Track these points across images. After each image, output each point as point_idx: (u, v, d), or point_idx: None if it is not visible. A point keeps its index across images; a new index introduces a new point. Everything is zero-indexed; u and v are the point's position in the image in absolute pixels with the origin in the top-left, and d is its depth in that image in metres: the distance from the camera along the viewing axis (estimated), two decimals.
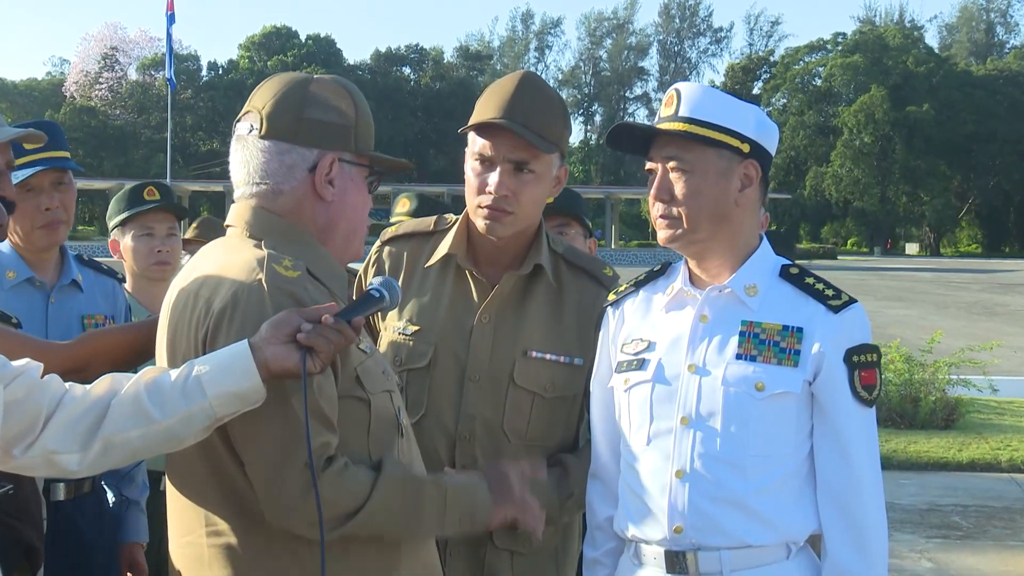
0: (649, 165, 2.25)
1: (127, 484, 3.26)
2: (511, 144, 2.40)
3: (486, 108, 2.42)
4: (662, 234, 2.23)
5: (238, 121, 2.05)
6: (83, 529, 3.00)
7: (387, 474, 1.94)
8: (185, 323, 1.95)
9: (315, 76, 2.07)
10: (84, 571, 2.98)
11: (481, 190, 2.43)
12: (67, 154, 3.07)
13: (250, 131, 2.01)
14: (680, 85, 2.23)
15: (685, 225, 2.20)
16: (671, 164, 2.20)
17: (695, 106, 2.18)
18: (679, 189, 2.19)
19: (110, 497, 3.18)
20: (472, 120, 2.43)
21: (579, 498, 2.46)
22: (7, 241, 2.99)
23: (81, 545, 2.98)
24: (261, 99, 2.03)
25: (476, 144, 2.44)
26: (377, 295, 1.95)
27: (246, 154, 2.02)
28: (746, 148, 2.19)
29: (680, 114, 2.18)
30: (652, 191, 2.22)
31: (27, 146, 2.88)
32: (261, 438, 1.86)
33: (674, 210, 2.20)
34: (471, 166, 2.46)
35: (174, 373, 1.82)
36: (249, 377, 1.78)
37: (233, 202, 2.08)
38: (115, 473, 3.15)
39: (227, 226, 2.05)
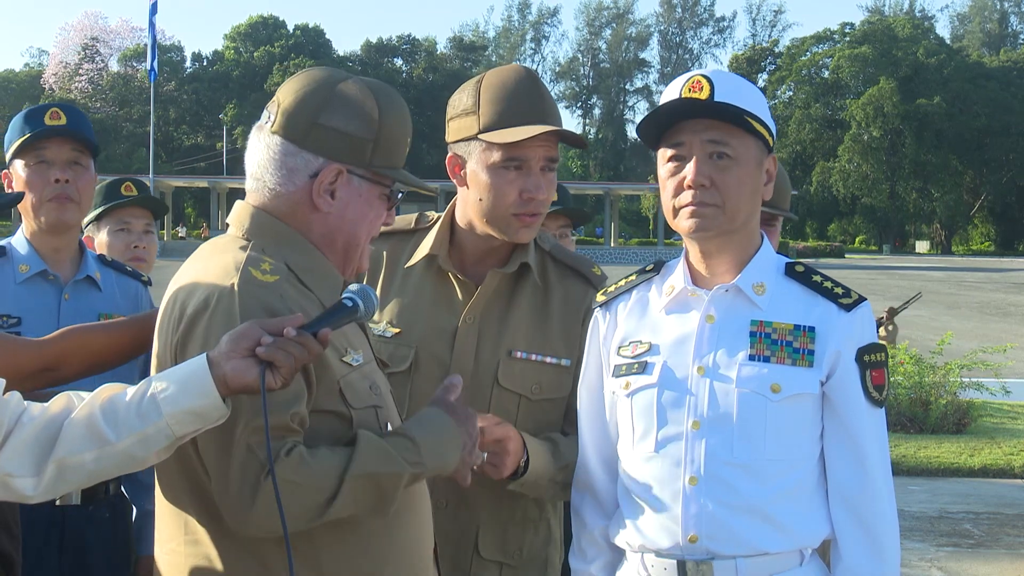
0: (672, 152, 2.16)
1: (148, 496, 3.00)
2: (548, 144, 2.40)
3: (514, 112, 2.37)
4: (692, 222, 2.14)
5: (267, 108, 2.09)
6: (91, 536, 2.98)
7: (353, 473, 1.85)
8: (164, 328, 1.96)
9: (351, 77, 2.05)
10: None
11: (520, 197, 2.39)
12: (90, 139, 3.02)
13: (267, 121, 2.03)
14: (705, 71, 2.17)
15: (725, 215, 2.13)
16: (713, 149, 2.12)
17: (731, 92, 2.12)
18: (724, 177, 2.12)
19: (134, 511, 3.20)
20: (498, 125, 2.37)
21: (569, 474, 2.42)
22: (22, 235, 3.04)
23: (86, 551, 2.97)
24: (285, 91, 2.03)
25: (507, 149, 2.37)
26: (350, 304, 1.88)
27: (258, 145, 2.03)
28: (771, 141, 2.19)
29: (717, 99, 2.10)
30: (689, 176, 2.12)
31: (48, 122, 2.94)
32: (212, 445, 1.86)
33: (716, 198, 2.12)
34: (500, 174, 2.39)
35: (130, 391, 1.79)
36: (207, 395, 1.74)
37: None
38: (138, 484, 3.12)
39: (227, 224, 2.10)
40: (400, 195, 2.08)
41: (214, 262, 1.97)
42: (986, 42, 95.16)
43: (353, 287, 1.92)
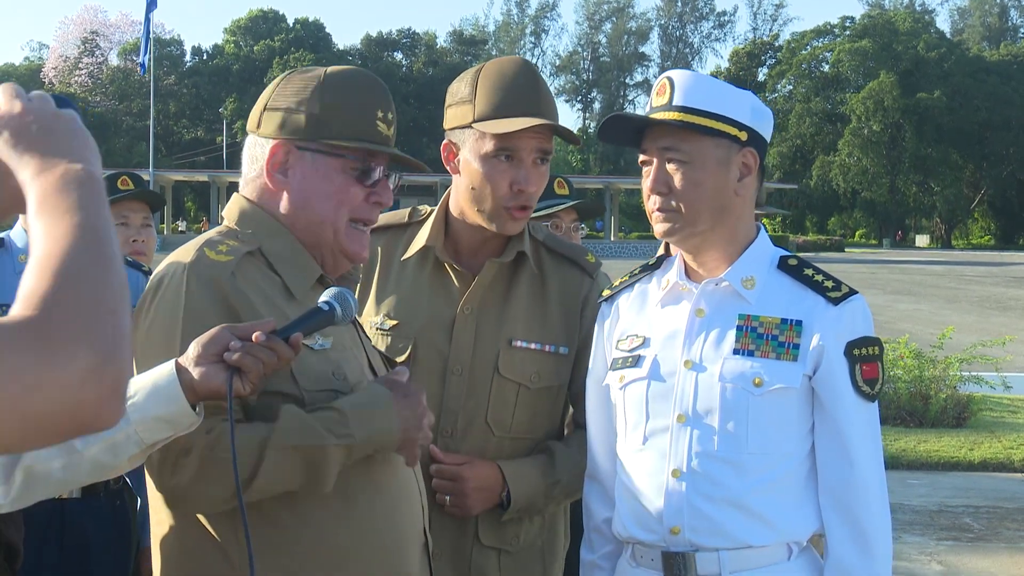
0: (643, 157, 2.24)
1: None
2: (541, 136, 2.41)
3: (508, 103, 2.38)
4: (659, 228, 2.21)
5: None
6: (92, 528, 3.03)
7: (274, 446, 1.85)
8: None
9: (326, 69, 2.12)
10: (88, 571, 3.02)
11: (510, 189, 2.39)
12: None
13: None
14: (672, 73, 2.22)
15: (685, 218, 2.18)
16: (668, 155, 2.18)
17: (690, 94, 2.16)
18: (678, 181, 2.17)
19: (139, 501, 3.24)
20: (492, 115, 2.39)
21: (567, 486, 2.46)
22: (21, 227, 3.10)
23: (87, 545, 3.02)
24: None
25: (499, 140, 2.38)
26: (326, 308, 1.86)
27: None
28: (743, 136, 2.18)
29: (675, 103, 2.16)
30: (648, 184, 2.21)
31: None
32: None
33: (672, 203, 2.18)
34: (491, 164, 2.40)
35: None
36: (174, 401, 1.74)
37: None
38: (144, 475, 3.13)
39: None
40: (381, 172, 2.06)
41: (184, 246, 2.03)
42: (986, 36, 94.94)
43: (331, 291, 1.91)
